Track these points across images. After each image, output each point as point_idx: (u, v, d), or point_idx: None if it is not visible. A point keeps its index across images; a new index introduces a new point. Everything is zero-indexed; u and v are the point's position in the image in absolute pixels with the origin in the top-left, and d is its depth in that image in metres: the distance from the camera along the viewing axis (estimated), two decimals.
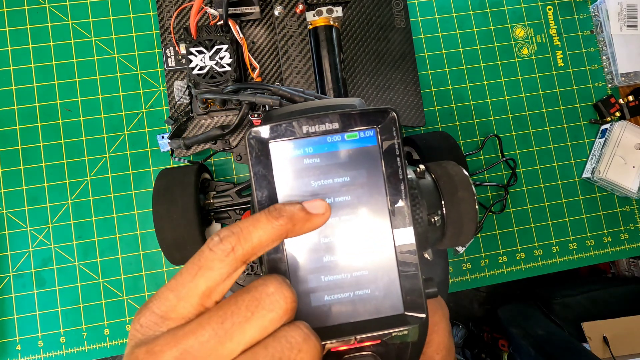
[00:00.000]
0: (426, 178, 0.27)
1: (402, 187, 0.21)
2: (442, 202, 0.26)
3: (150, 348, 0.16)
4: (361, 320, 0.20)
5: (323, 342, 0.19)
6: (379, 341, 0.20)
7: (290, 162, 0.21)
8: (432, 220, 0.24)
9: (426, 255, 0.26)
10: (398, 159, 0.21)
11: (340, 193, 0.21)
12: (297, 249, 0.20)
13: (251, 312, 0.16)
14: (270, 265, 0.20)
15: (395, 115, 0.21)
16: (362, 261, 0.20)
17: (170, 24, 0.48)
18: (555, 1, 0.57)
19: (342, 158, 0.21)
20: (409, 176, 0.26)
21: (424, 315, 0.20)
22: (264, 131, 0.21)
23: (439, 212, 0.25)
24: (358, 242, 0.20)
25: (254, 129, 0.20)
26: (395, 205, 0.21)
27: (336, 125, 0.21)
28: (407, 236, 0.20)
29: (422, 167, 0.27)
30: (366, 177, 0.21)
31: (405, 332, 0.20)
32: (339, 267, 0.20)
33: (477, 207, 0.26)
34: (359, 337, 0.19)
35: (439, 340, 0.25)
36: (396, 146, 0.21)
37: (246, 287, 0.17)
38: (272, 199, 0.20)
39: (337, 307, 0.20)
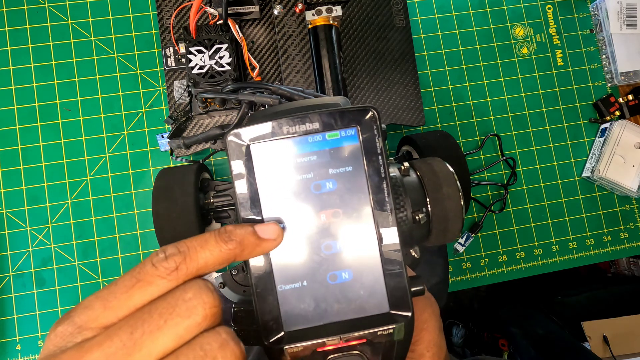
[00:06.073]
0: (411, 175, 0.26)
1: (385, 186, 0.21)
2: (427, 200, 0.26)
3: None
4: (346, 320, 0.20)
5: (309, 342, 0.19)
6: (364, 340, 0.20)
7: (271, 163, 0.21)
8: (417, 218, 0.24)
9: (413, 253, 0.26)
10: (380, 157, 0.21)
11: (322, 193, 0.20)
12: (282, 249, 0.20)
13: (164, 320, 0.15)
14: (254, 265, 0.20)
15: (375, 113, 0.21)
16: (346, 260, 0.20)
17: (169, 24, 0.48)
18: (555, 0, 0.57)
19: (324, 158, 0.21)
20: (393, 174, 0.26)
21: (409, 314, 0.20)
22: (245, 133, 0.20)
23: (424, 209, 0.25)
24: (342, 242, 0.20)
25: (234, 130, 0.20)
26: (379, 204, 0.21)
27: (317, 125, 0.21)
28: (391, 235, 0.20)
29: (406, 164, 0.26)
30: (348, 176, 0.21)
31: (391, 331, 0.20)
32: (323, 266, 0.20)
33: (462, 203, 0.26)
34: (344, 336, 0.19)
35: (429, 338, 0.24)
36: (377, 144, 0.21)
37: (164, 294, 0.16)
38: (255, 200, 0.20)
39: (322, 306, 0.20)
